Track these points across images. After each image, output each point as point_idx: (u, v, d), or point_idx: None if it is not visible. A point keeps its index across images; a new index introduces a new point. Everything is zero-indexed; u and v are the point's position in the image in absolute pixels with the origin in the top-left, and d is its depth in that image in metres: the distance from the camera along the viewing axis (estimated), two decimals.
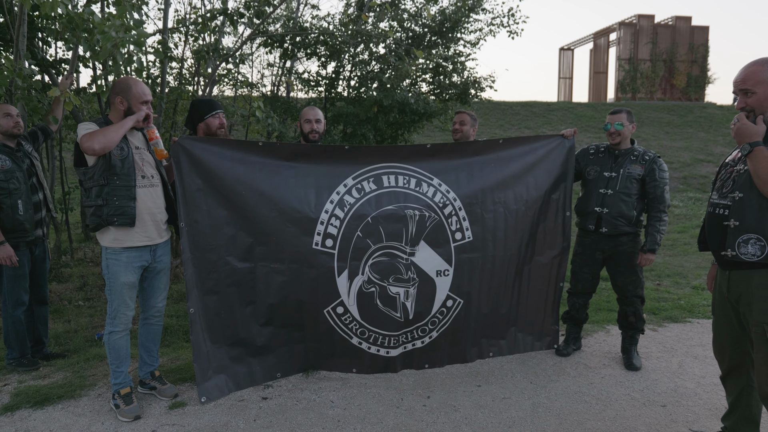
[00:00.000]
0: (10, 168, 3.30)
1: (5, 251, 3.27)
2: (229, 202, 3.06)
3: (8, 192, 3.29)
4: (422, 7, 6.97)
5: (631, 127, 3.50)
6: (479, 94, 7.13)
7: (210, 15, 4.63)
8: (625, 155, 3.49)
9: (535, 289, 3.73)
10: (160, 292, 3.04)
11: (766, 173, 2.04)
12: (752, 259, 2.12)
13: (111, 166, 2.69)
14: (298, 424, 2.83)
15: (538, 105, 21.94)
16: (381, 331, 3.37)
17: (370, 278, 3.29)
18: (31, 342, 3.61)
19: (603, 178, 3.51)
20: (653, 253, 3.43)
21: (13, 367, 3.46)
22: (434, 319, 3.46)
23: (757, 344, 2.17)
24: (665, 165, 3.45)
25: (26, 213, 3.36)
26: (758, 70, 2.13)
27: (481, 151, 3.53)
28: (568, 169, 3.65)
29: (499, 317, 3.65)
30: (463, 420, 2.87)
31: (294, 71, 7.12)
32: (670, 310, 4.73)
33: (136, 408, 2.86)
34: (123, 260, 2.78)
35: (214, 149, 3.04)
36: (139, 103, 2.78)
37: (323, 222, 3.20)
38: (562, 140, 3.65)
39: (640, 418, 2.89)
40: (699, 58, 26.87)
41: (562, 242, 3.71)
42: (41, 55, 4.74)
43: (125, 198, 2.72)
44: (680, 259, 6.83)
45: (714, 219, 2.28)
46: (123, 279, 2.79)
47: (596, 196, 3.51)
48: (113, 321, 2.86)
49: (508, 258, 3.57)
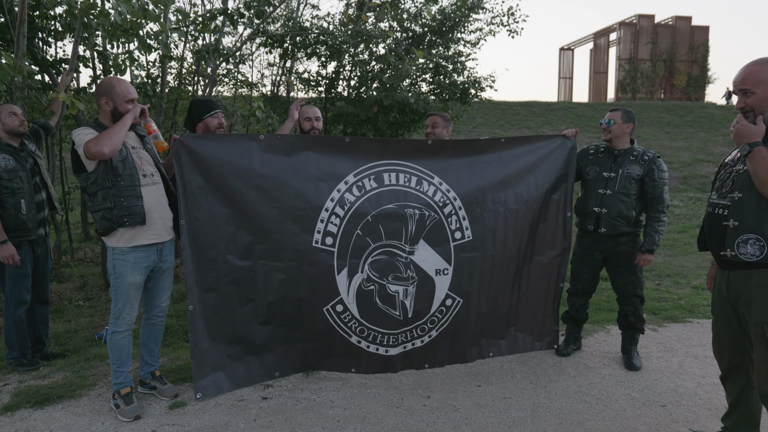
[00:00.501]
0: (13, 167, 3.31)
1: (7, 250, 3.28)
2: (229, 200, 3.06)
3: (11, 191, 3.30)
4: (422, 6, 6.97)
5: (625, 127, 3.46)
6: (479, 93, 7.13)
7: (210, 15, 4.63)
8: (624, 155, 3.47)
9: (535, 290, 3.73)
10: (164, 291, 3.04)
11: (765, 174, 2.04)
12: (751, 259, 2.12)
13: (113, 168, 2.69)
14: (298, 424, 2.83)
15: (538, 105, 21.93)
16: (380, 329, 3.37)
17: (369, 276, 3.30)
18: (32, 342, 3.61)
19: (602, 179, 3.50)
20: (651, 253, 3.41)
21: (14, 367, 3.46)
22: (433, 318, 3.46)
23: (757, 344, 2.17)
24: (664, 165, 3.43)
25: (29, 212, 3.37)
26: (758, 70, 2.13)
27: (483, 150, 3.52)
28: (570, 169, 3.64)
29: (498, 317, 3.65)
30: (463, 420, 2.87)
31: (294, 71, 7.13)
32: (670, 310, 4.73)
33: (137, 408, 2.86)
34: (131, 260, 2.78)
35: (215, 146, 3.04)
36: (124, 102, 2.76)
37: (323, 220, 3.20)
38: (563, 140, 3.65)
39: (640, 418, 2.89)
40: (699, 58, 26.88)
41: (563, 242, 3.71)
42: (41, 55, 4.74)
43: (132, 197, 2.72)
44: (680, 259, 6.83)
45: (713, 219, 2.28)
46: (130, 279, 2.79)
47: (595, 197, 3.51)
48: (117, 321, 2.85)
49: (508, 258, 3.58)
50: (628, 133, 3.50)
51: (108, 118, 2.79)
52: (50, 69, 4.79)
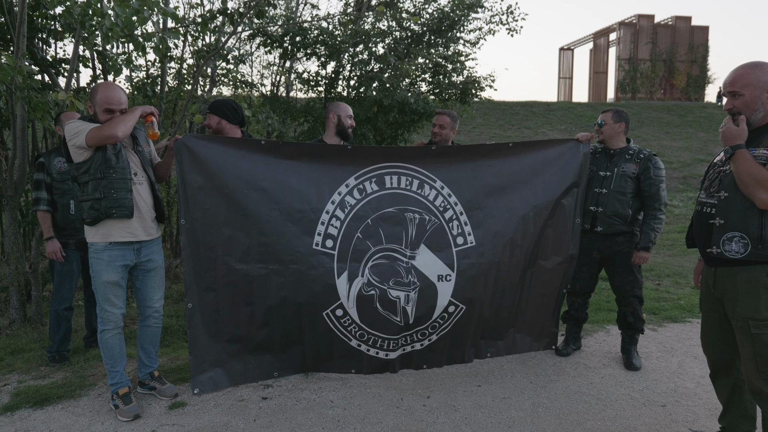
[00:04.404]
0: (66, 170, 3.42)
1: (53, 246, 3.47)
2: (229, 201, 3.06)
3: (62, 192, 3.51)
4: (420, 7, 6.96)
5: (617, 126, 3.48)
6: (479, 93, 7.11)
7: (210, 14, 4.63)
8: (620, 154, 3.48)
9: (538, 294, 3.66)
10: (154, 291, 3.03)
11: (746, 175, 2.11)
12: (736, 256, 2.18)
13: (106, 160, 2.73)
14: (298, 424, 2.82)
15: (537, 105, 21.92)
16: (380, 334, 3.34)
17: (370, 281, 3.26)
18: (89, 332, 3.85)
19: (598, 177, 3.50)
20: (647, 250, 3.39)
21: (47, 362, 3.57)
22: (434, 324, 3.42)
23: (742, 339, 2.22)
24: (661, 163, 3.43)
25: (77, 213, 3.49)
26: (747, 73, 2.19)
27: (489, 155, 3.46)
28: (582, 174, 3.55)
29: (500, 320, 3.62)
30: (462, 420, 2.87)
31: (294, 71, 7.11)
32: (670, 310, 4.73)
33: (135, 407, 2.86)
34: (105, 259, 2.81)
35: (216, 147, 3.05)
36: (101, 110, 2.75)
37: (323, 222, 3.19)
38: (576, 144, 3.56)
39: (640, 418, 2.89)
40: (699, 58, 26.86)
41: (570, 249, 3.59)
42: (41, 54, 4.74)
43: (123, 190, 2.77)
44: (680, 259, 6.83)
45: (701, 217, 2.35)
46: (105, 278, 2.82)
47: (591, 196, 3.52)
48: (102, 320, 2.89)
49: (514, 264, 3.50)
50: (621, 132, 3.51)
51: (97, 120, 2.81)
52: (50, 69, 4.79)
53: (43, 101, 3.52)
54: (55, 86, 4.74)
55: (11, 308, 4.25)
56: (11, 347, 3.83)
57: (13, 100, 3.92)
